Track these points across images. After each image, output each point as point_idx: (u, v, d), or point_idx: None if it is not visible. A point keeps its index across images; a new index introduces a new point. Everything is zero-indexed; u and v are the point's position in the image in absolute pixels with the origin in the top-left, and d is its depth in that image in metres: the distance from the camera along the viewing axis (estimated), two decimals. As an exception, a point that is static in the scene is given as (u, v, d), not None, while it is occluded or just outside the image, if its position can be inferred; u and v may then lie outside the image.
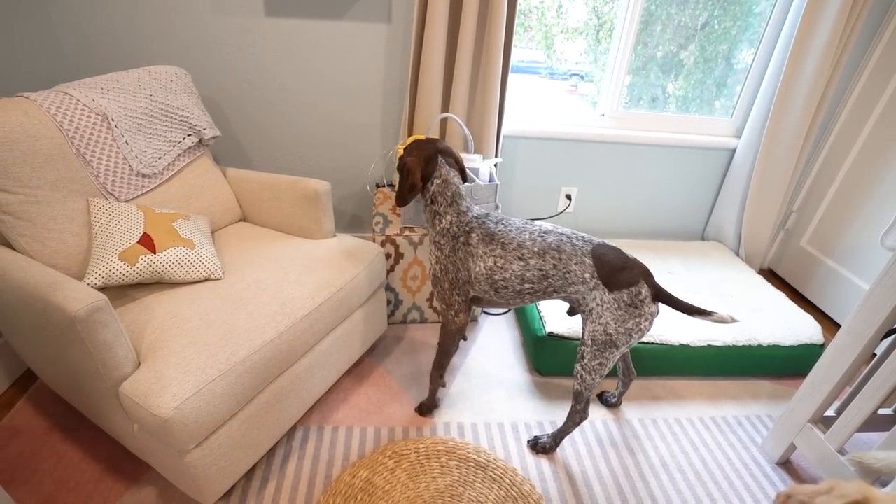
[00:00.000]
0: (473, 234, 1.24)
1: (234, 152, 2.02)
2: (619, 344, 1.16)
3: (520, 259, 1.20)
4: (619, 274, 1.14)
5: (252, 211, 1.67)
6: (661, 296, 1.16)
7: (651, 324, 1.16)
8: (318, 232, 1.55)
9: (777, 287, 2.22)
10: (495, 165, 1.74)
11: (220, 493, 1.13)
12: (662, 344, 1.64)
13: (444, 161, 1.27)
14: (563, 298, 1.26)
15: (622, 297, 1.13)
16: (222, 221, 1.60)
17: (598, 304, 1.16)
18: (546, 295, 1.24)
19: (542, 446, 1.39)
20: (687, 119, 2.22)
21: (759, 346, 1.68)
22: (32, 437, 1.34)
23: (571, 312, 1.38)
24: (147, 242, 1.22)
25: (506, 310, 2.02)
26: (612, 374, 1.64)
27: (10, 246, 1.18)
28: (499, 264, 1.21)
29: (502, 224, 1.25)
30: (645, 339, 1.63)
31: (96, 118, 1.31)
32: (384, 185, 2.08)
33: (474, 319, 1.94)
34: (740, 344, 1.67)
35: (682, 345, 1.64)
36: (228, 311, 1.16)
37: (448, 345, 1.39)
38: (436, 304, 1.84)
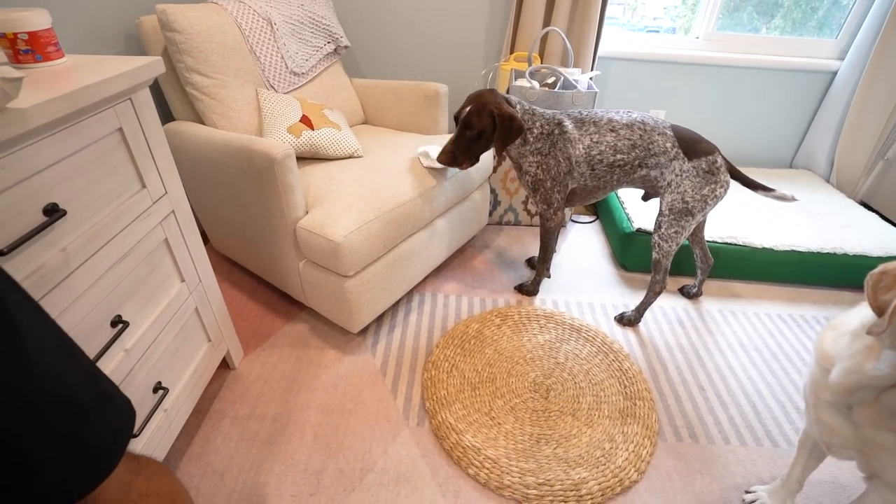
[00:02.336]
0: (566, 123, 1.39)
1: (350, 66, 2.25)
2: (694, 212, 1.31)
3: (612, 131, 1.37)
4: (697, 145, 1.30)
5: (374, 114, 1.91)
6: (730, 168, 1.32)
7: (726, 191, 1.31)
8: (434, 129, 1.77)
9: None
10: (591, 78, 1.86)
11: (363, 325, 1.41)
12: (745, 246, 1.74)
13: (501, 95, 1.39)
14: (642, 179, 1.40)
15: (700, 164, 1.28)
16: (350, 121, 1.85)
17: (676, 175, 1.31)
18: (632, 170, 1.38)
19: (628, 319, 1.57)
20: (786, 41, 2.20)
21: (845, 255, 1.72)
22: (211, 283, 1.69)
23: (646, 197, 1.53)
24: (306, 121, 1.49)
25: (592, 219, 2.18)
26: (691, 270, 1.76)
27: (200, 122, 1.49)
28: (594, 140, 1.38)
29: (587, 110, 1.42)
30: (729, 241, 1.74)
31: (263, 22, 1.58)
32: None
33: (564, 226, 2.11)
34: (825, 251, 1.73)
35: (765, 248, 1.73)
36: (374, 176, 1.41)
37: (549, 240, 1.58)
38: (533, 207, 2.04)
